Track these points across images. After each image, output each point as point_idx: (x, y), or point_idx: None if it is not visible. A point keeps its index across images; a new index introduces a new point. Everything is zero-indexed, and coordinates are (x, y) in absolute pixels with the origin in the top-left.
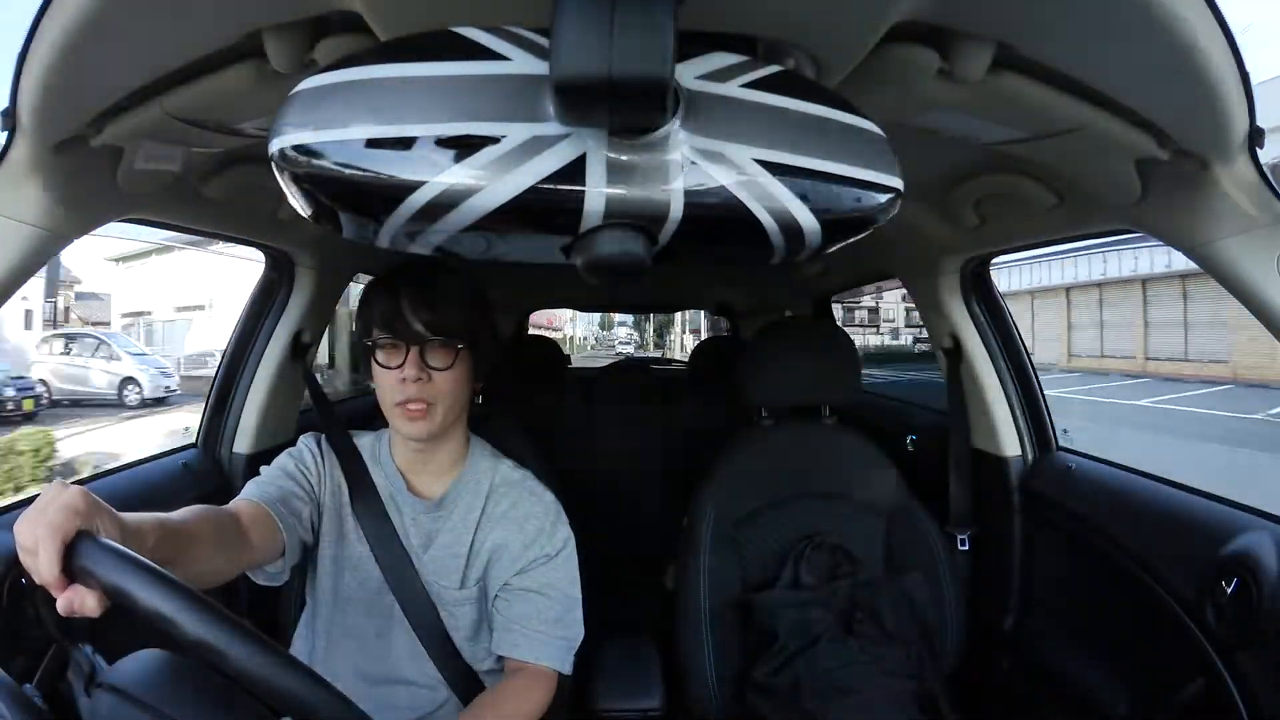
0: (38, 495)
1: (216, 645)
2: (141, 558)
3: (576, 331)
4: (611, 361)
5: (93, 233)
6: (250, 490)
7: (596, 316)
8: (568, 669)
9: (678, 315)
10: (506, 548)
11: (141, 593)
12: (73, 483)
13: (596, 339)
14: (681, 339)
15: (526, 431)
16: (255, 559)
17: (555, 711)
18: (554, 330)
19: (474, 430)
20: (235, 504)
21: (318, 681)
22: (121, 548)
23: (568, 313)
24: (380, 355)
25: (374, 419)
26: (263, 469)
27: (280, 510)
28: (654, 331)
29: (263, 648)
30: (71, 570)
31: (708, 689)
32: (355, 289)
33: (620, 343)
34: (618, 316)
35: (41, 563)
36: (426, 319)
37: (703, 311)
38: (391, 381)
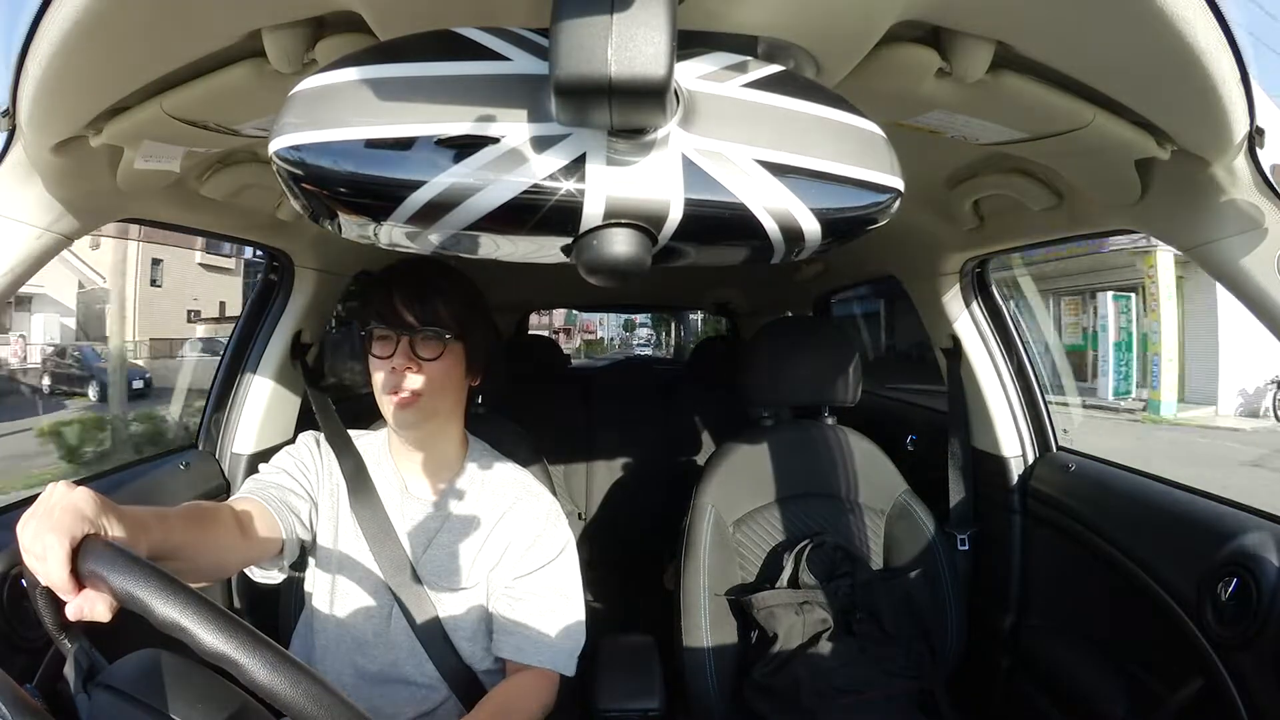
0: (39, 495)
1: (231, 655)
2: (153, 564)
3: (606, 334)
4: (612, 361)
5: (92, 232)
6: (248, 487)
7: (621, 320)
8: (572, 671)
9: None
10: (508, 550)
11: (154, 600)
12: (75, 482)
13: (622, 340)
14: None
15: (526, 432)
16: (253, 555)
17: (557, 712)
18: (590, 334)
19: (473, 431)
20: (234, 501)
21: (332, 693)
22: (131, 551)
23: (598, 317)
24: (375, 346)
25: (373, 419)
26: (261, 466)
27: (279, 508)
28: (667, 334)
29: (277, 657)
30: (80, 574)
31: (708, 689)
32: None
33: (639, 343)
34: (638, 319)
35: (51, 567)
36: (417, 311)
37: (699, 315)
38: (384, 371)
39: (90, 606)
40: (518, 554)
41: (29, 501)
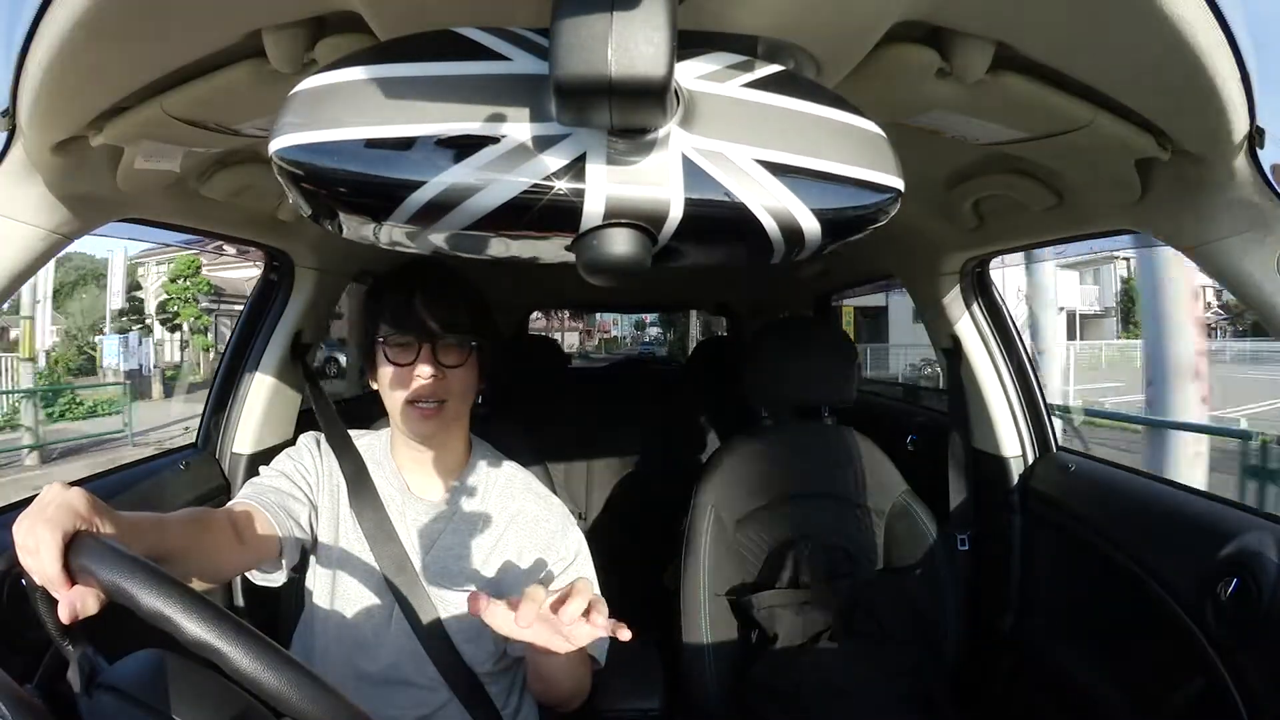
0: (36, 495)
1: (215, 644)
2: (140, 556)
3: (620, 332)
4: (613, 361)
5: (92, 232)
6: (247, 492)
7: (633, 318)
8: (603, 659)
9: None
10: (522, 555)
11: (139, 591)
12: (72, 483)
13: (633, 338)
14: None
15: (527, 432)
16: (251, 561)
17: (557, 713)
18: (606, 332)
19: (474, 431)
20: (231, 506)
21: (315, 681)
22: (120, 546)
23: (612, 317)
24: (391, 353)
25: (374, 418)
26: (261, 469)
27: (277, 513)
28: (670, 332)
29: (261, 646)
30: (71, 569)
31: (708, 689)
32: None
33: (647, 341)
34: (649, 318)
35: (42, 562)
36: (440, 316)
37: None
38: (403, 379)
39: (81, 602)
40: (533, 559)
41: (28, 503)
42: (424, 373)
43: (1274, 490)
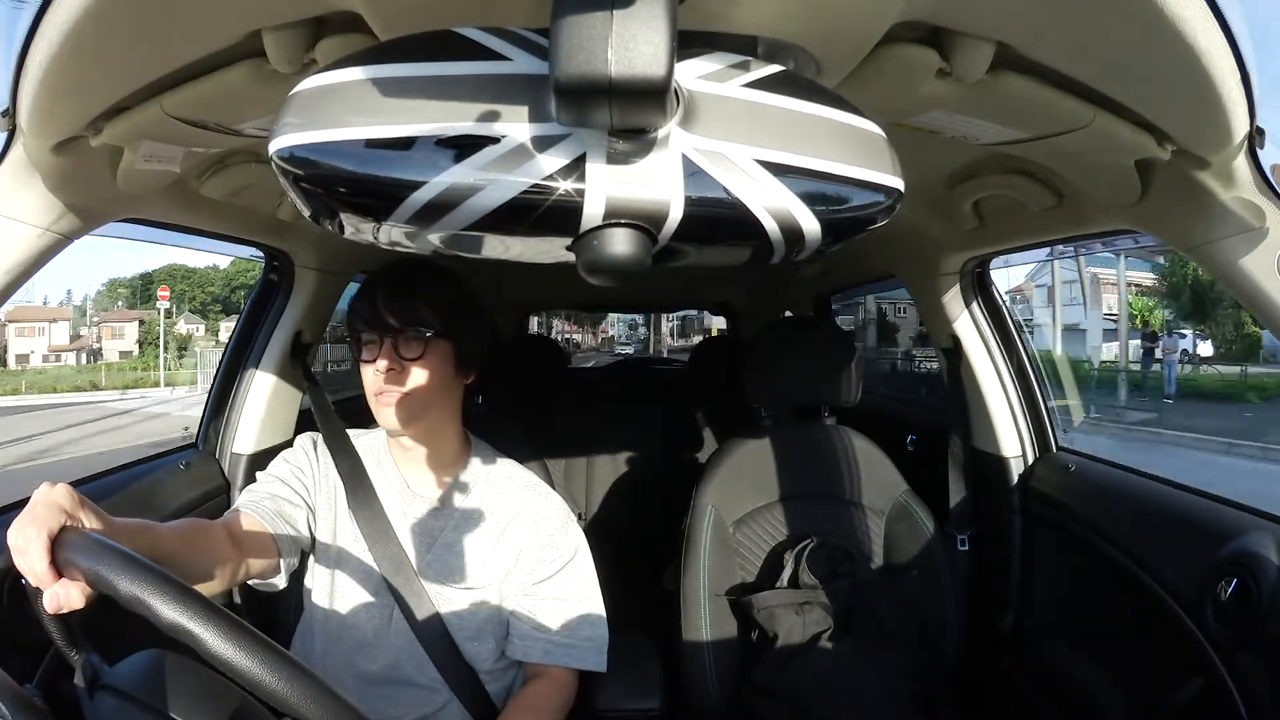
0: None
1: (186, 625)
2: (119, 545)
3: (617, 332)
4: (612, 362)
5: (92, 232)
6: (243, 500)
7: (628, 320)
8: (604, 666)
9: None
10: (523, 553)
11: (117, 577)
12: (71, 483)
13: (627, 337)
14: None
15: (526, 431)
16: (249, 570)
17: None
18: (605, 334)
19: (473, 430)
20: (228, 516)
21: (290, 662)
22: (100, 537)
23: (610, 319)
24: (362, 351)
25: (372, 418)
26: (258, 474)
27: (274, 519)
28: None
29: (233, 627)
30: (59, 565)
31: (708, 689)
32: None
33: (638, 340)
34: (640, 319)
35: (31, 559)
36: (398, 312)
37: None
38: (369, 373)
39: (66, 594)
40: (533, 557)
41: (24, 504)
42: (381, 366)
43: None
